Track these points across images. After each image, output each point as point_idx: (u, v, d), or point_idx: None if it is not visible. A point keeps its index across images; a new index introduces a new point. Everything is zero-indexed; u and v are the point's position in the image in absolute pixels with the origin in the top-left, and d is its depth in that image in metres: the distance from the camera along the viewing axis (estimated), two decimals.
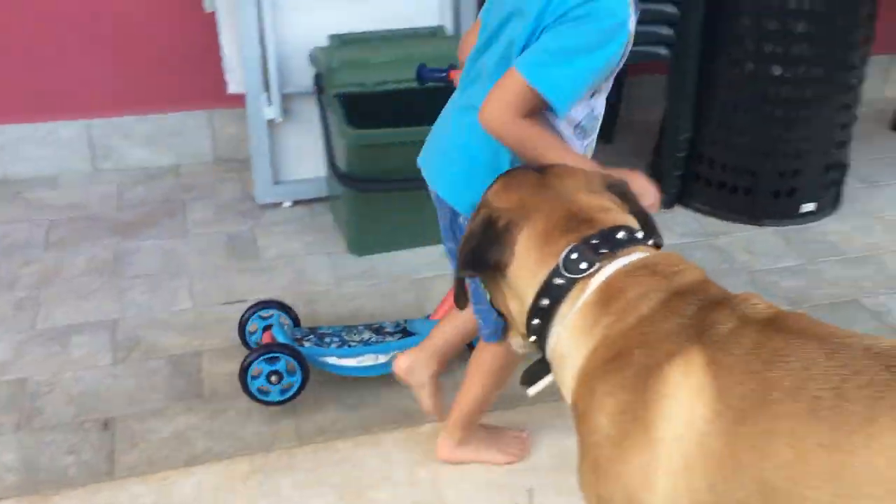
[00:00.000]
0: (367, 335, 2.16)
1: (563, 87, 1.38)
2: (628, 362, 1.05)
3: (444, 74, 1.99)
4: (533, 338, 1.19)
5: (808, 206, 2.90)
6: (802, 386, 0.94)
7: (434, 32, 2.77)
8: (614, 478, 1.06)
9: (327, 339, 2.13)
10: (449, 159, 1.60)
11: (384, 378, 2.12)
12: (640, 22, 1.46)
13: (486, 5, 1.57)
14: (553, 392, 1.15)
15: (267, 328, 2.16)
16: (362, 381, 2.15)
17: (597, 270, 1.11)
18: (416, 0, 2.81)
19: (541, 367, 1.24)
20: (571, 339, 1.12)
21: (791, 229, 2.87)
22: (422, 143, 1.76)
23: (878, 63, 3.69)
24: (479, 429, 1.89)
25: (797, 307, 2.49)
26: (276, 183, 2.91)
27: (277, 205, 2.96)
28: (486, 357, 1.77)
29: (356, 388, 2.14)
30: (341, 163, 2.51)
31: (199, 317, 2.42)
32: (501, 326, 1.55)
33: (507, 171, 1.33)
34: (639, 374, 1.03)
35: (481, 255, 1.19)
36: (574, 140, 1.52)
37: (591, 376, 1.10)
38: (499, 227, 1.18)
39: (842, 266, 2.70)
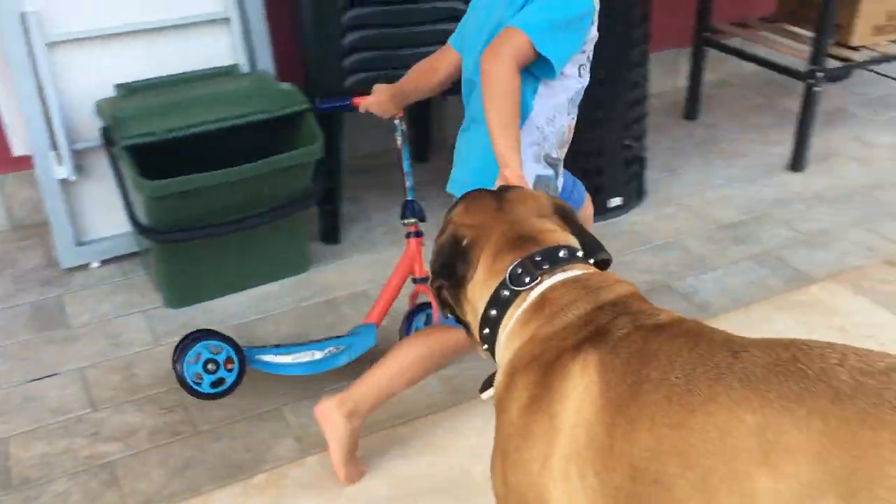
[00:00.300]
0: (306, 342, 2.21)
1: (559, 54, 1.61)
2: (544, 362, 1.16)
3: (348, 103, 2.09)
4: (485, 346, 1.30)
5: (615, 201, 3.04)
6: (665, 377, 1.05)
7: (228, 71, 2.70)
8: (521, 465, 1.16)
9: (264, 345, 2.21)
10: (464, 169, 1.83)
11: (210, 433, 2.03)
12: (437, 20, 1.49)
13: (456, 35, 1.86)
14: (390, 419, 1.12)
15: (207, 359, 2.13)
16: (187, 440, 2.06)
17: (537, 283, 1.23)
18: (206, 41, 2.74)
19: (492, 379, 1.33)
20: (507, 342, 1.24)
21: (602, 224, 2.99)
22: (224, 185, 1.75)
23: (666, 57, 3.95)
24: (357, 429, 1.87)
25: None
26: (80, 244, 2.75)
27: (84, 267, 2.79)
28: (437, 340, 1.85)
29: (181, 450, 2.05)
30: (143, 216, 2.40)
31: (5, 399, 2.24)
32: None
33: (469, 194, 1.41)
34: (548, 373, 1.15)
35: (451, 268, 1.31)
36: (564, 114, 1.76)
37: (513, 372, 1.21)
38: (463, 244, 1.31)
39: (651, 254, 2.85)
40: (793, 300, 2.58)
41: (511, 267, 1.24)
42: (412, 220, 2.18)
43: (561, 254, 1.25)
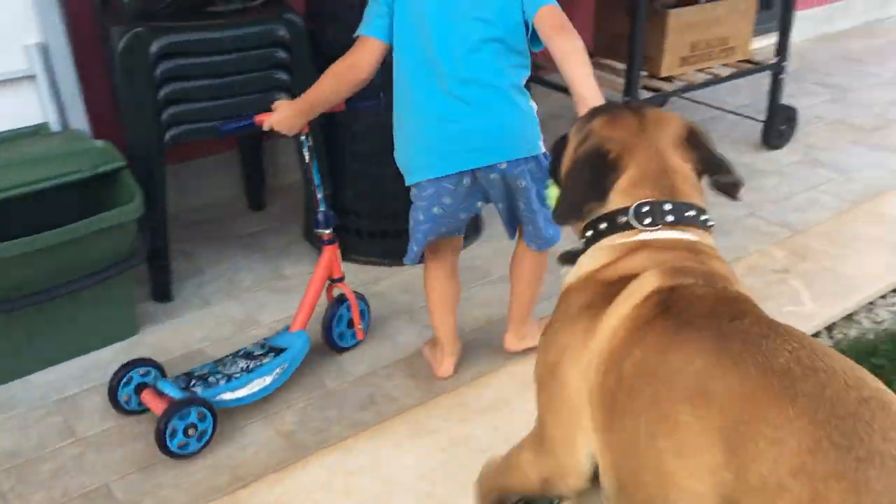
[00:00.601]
0: (243, 363, 2.28)
1: None
2: (616, 286, 1.33)
3: (250, 122, 2.18)
4: (583, 239, 1.45)
5: None
6: (678, 326, 1.25)
7: (36, 131, 2.56)
8: (555, 343, 1.41)
9: (212, 379, 2.22)
10: (512, 126, 2.08)
11: None
12: (258, 90, 1.55)
13: (379, 26, 2.01)
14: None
15: (140, 388, 2.22)
16: None
17: (656, 229, 1.36)
18: (10, 100, 2.59)
19: (573, 258, 1.48)
20: (596, 253, 1.41)
21: None
22: (34, 252, 1.70)
23: None
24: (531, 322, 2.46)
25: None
26: None
27: None
28: (535, 265, 2.39)
29: None
30: None
31: None
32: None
33: (608, 106, 1.55)
34: (613, 294, 1.32)
35: (596, 180, 1.40)
36: None
37: (588, 277, 1.40)
38: (610, 158, 1.40)
39: (490, 288, 2.90)
40: None
41: (641, 201, 1.37)
42: (327, 231, 2.39)
43: (688, 213, 1.38)
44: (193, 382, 2.20)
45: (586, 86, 1.88)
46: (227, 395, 2.19)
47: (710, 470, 1.11)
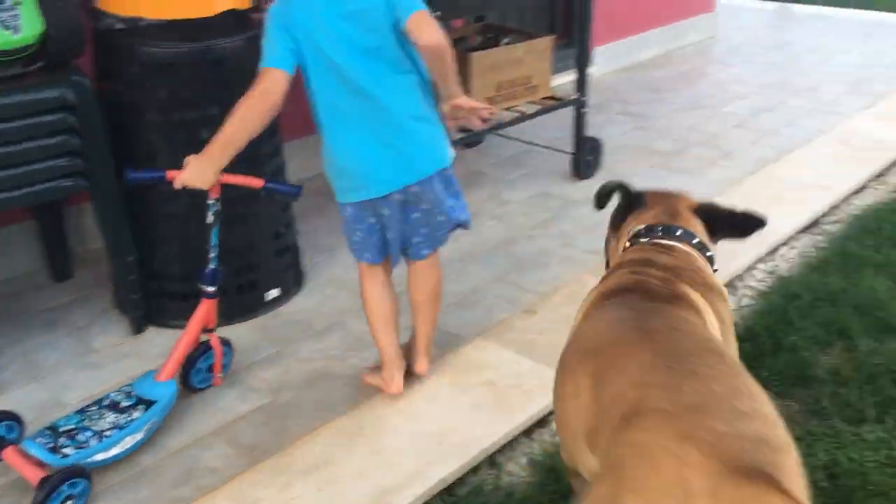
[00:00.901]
0: (111, 417, 2.23)
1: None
2: (608, 276, 1.82)
3: (161, 175, 2.28)
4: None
5: (273, 293, 3.01)
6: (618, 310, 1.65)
7: None
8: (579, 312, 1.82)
9: (81, 437, 2.14)
10: (415, 144, 2.25)
11: None
12: (46, 157, 1.49)
13: (281, 56, 2.14)
14: None
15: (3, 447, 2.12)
16: None
17: (647, 240, 1.86)
18: None
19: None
20: (617, 255, 1.96)
21: (263, 319, 2.96)
22: None
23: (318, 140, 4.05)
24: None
25: (279, 394, 2.57)
26: None
27: None
28: (432, 284, 2.52)
29: None
30: None
31: None
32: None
33: (655, 191, 2.04)
34: (603, 281, 1.81)
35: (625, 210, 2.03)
36: None
37: (610, 270, 1.91)
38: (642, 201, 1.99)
39: (314, 340, 2.86)
40: (447, 363, 2.71)
41: (644, 226, 1.90)
42: (212, 287, 2.46)
43: (677, 232, 1.86)
44: (61, 441, 2.12)
45: (454, 85, 2.21)
46: (100, 456, 2.15)
47: (584, 408, 1.47)
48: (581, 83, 3.89)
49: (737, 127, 4.77)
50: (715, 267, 1.90)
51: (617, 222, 2.06)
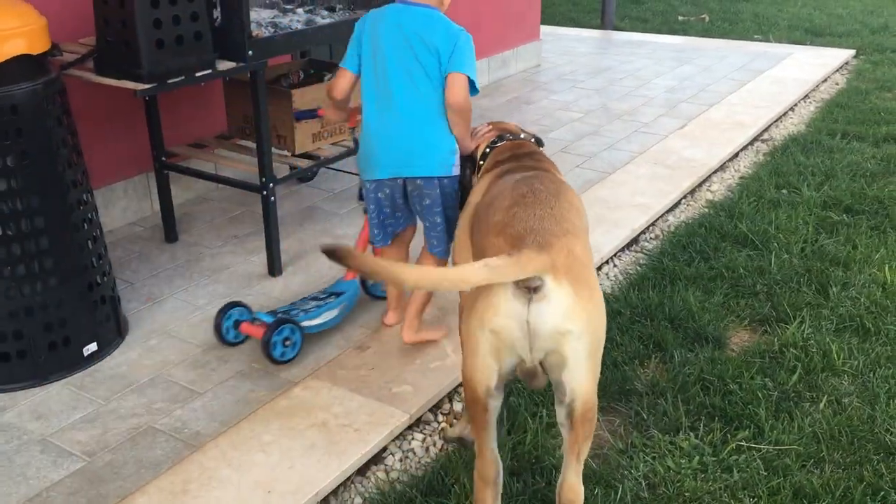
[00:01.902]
0: (312, 303, 3.04)
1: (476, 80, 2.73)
2: (486, 169, 2.56)
3: (315, 112, 3.36)
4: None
5: (91, 348, 2.85)
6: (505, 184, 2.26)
7: None
8: (467, 206, 2.47)
9: (293, 312, 2.96)
10: (424, 148, 2.74)
11: None
12: None
13: (355, 50, 2.78)
14: None
15: (238, 324, 2.96)
16: None
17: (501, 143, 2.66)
18: None
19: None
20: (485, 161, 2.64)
21: (80, 376, 2.80)
22: None
23: (140, 183, 3.90)
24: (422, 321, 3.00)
25: (97, 457, 2.43)
26: None
27: None
28: (429, 265, 2.80)
29: None
30: None
31: None
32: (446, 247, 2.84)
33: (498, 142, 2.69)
34: (484, 174, 2.53)
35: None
36: None
37: (483, 171, 2.60)
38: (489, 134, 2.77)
39: (137, 395, 2.72)
40: (279, 407, 2.65)
41: (495, 137, 2.69)
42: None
43: (521, 135, 2.72)
44: (279, 316, 2.91)
45: (467, 141, 2.79)
46: (307, 323, 2.93)
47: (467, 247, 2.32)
48: None
49: (562, 152, 4.97)
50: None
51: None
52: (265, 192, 3.33)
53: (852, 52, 7.63)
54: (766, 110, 5.71)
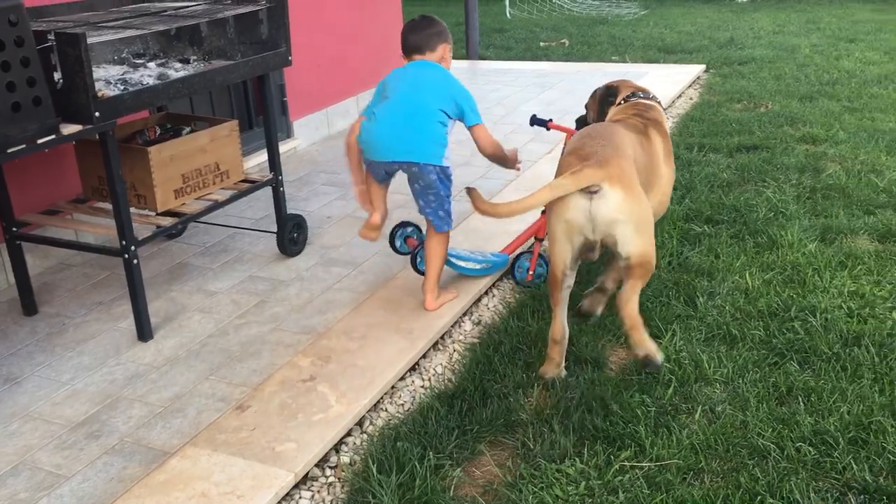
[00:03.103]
0: (469, 252, 3.82)
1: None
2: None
3: (547, 122, 3.99)
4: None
5: None
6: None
7: None
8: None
9: (452, 250, 3.70)
10: (421, 140, 3.30)
11: None
12: None
13: (376, 101, 3.41)
14: None
15: (407, 238, 3.98)
16: None
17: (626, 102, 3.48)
18: None
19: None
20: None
21: None
22: None
23: None
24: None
25: None
26: None
27: None
28: (438, 243, 3.46)
29: None
30: None
31: None
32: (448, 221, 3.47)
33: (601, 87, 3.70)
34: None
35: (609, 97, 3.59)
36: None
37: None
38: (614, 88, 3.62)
39: None
40: (155, 482, 2.52)
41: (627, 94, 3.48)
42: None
43: (641, 95, 3.44)
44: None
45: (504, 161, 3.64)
46: (454, 260, 3.67)
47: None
48: (272, 162, 3.88)
49: None
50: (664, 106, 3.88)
51: (605, 106, 3.56)
52: (126, 256, 3.19)
53: (702, 66, 8.06)
54: None
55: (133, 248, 3.19)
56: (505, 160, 3.56)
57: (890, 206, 4.40)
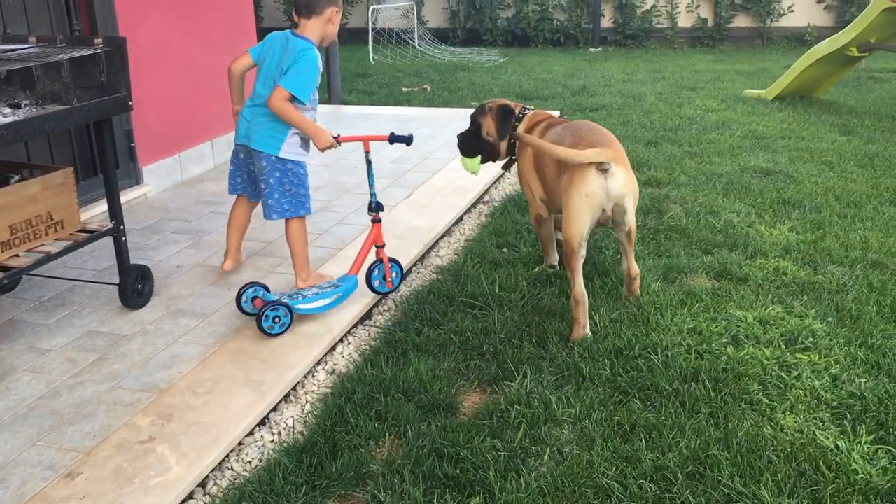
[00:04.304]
0: (315, 290, 3.80)
1: (302, 92, 3.76)
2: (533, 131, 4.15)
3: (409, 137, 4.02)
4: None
5: None
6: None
7: None
8: (525, 162, 4.18)
9: (295, 297, 3.70)
10: (264, 129, 3.85)
11: None
12: None
13: (258, 51, 3.94)
14: None
15: (255, 298, 3.74)
16: None
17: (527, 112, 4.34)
18: None
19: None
20: (521, 126, 4.27)
21: None
22: None
23: None
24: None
25: None
26: None
27: None
28: (298, 228, 3.99)
29: None
30: None
31: None
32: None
33: (482, 105, 4.46)
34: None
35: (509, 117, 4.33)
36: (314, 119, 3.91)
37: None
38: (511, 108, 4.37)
39: None
40: None
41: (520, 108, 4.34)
42: (378, 212, 3.97)
43: (531, 107, 4.36)
44: (283, 297, 3.67)
45: (307, 128, 3.83)
46: (301, 306, 3.64)
47: (552, 166, 3.80)
48: (113, 211, 3.71)
49: None
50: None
51: (506, 130, 4.27)
52: None
53: (557, 112, 8.37)
54: (484, 174, 6.06)
55: None
56: (297, 124, 3.78)
57: (725, 245, 4.67)
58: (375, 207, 3.95)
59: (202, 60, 6.08)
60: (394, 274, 4.08)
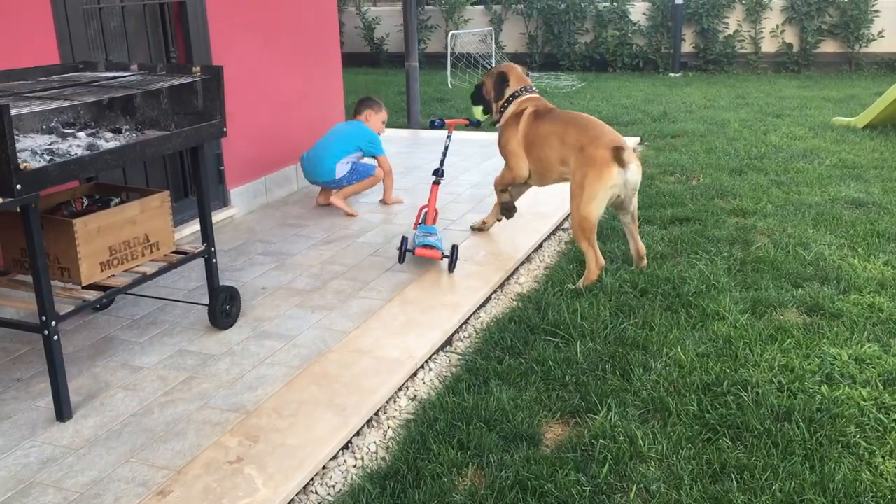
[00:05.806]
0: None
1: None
2: (520, 114, 4.92)
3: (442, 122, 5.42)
4: (502, 108, 5.07)
5: None
6: (548, 120, 4.78)
7: None
8: (507, 137, 4.95)
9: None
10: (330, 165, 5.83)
11: None
12: None
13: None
14: None
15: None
16: None
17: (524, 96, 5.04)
18: None
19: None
20: (510, 108, 5.00)
21: None
22: None
23: None
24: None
25: None
26: None
27: None
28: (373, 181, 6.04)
29: None
30: None
31: None
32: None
33: (493, 69, 5.19)
34: (520, 116, 4.92)
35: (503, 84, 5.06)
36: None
37: (510, 115, 4.98)
38: (505, 76, 5.09)
39: None
40: None
41: (517, 89, 4.98)
42: (439, 177, 5.10)
43: (532, 89, 5.04)
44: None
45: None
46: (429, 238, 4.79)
47: (555, 152, 4.64)
48: (205, 233, 3.81)
49: (372, 255, 4.98)
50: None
51: (499, 95, 5.00)
52: (46, 332, 3.06)
53: (637, 139, 8.27)
54: (564, 200, 6.02)
55: (53, 323, 3.07)
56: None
57: (817, 278, 4.52)
58: (441, 174, 5.07)
59: (288, 86, 6.24)
60: (434, 237, 4.80)
